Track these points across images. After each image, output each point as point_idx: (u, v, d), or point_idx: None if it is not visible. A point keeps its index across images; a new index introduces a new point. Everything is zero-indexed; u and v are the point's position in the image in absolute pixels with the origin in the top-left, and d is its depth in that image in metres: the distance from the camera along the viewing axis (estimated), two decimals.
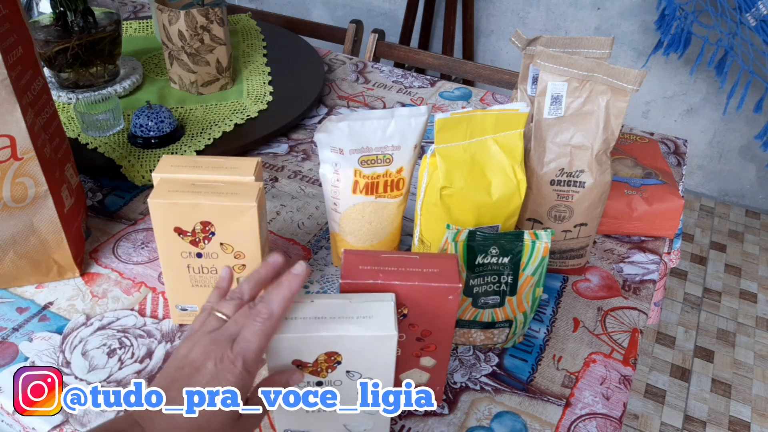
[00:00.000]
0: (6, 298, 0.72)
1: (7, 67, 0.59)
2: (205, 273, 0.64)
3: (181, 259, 0.63)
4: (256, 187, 0.61)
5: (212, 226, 0.61)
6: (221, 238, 0.61)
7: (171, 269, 0.64)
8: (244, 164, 0.63)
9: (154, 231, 0.62)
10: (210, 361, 0.47)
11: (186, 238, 0.61)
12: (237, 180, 0.62)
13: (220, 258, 0.63)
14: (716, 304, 1.88)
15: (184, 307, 0.68)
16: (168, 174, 0.62)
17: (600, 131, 0.66)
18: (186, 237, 0.61)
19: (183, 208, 0.59)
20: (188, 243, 0.62)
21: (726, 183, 2.27)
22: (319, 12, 2.64)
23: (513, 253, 0.59)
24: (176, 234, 0.61)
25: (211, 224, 0.60)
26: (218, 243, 0.62)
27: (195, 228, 0.61)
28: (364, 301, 0.50)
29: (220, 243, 0.62)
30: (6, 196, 0.65)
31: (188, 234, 0.61)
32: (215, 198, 0.59)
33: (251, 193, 0.60)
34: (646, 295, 0.76)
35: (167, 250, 0.62)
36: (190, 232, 0.61)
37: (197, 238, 0.61)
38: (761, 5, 1.49)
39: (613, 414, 0.62)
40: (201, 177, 0.62)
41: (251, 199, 0.59)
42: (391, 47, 1.39)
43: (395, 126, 0.64)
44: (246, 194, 0.60)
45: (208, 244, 0.62)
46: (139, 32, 1.28)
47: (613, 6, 2.11)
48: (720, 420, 1.56)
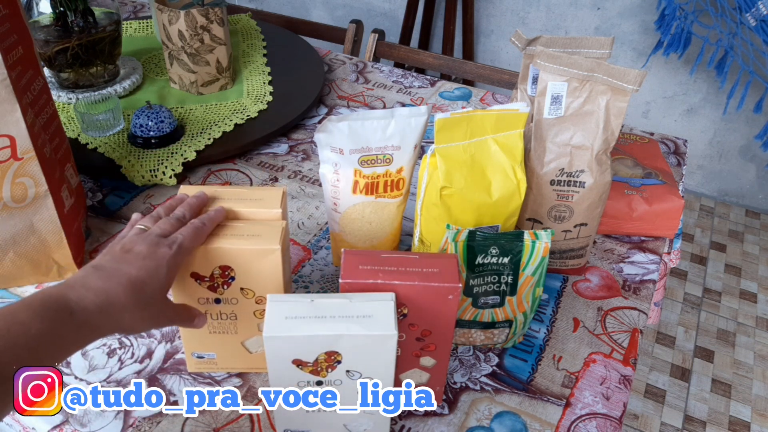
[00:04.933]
0: (6, 298, 0.72)
1: (7, 67, 0.59)
2: (224, 319, 0.60)
3: (198, 305, 0.58)
4: (279, 227, 0.56)
5: (232, 271, 0.56)
6: (242, 282, 0.57)
7: None
8: (269, 195, 0.59)
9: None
10: (141, 244, 0.51)
11: (204, 283, 0.57)
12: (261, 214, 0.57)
13: (240, 303, 0.58)
14: (716, 304, 1.88)
15: (200, 354, 0.63)
16: None
17: (600, 131, 0.66)
18: (204, 282, 0.57)
19: (200, 253, 0.55)
20: (206, 288, 0.57)
21: (726, 183, 2.27)
22: (319, 12, 2.64)
23: (513, 253, 0.59)
24: (193, 279, 0.57)
25: (231, 269, 0.56)
26: (238, 288, 0.57)
27: (213, 273, 0.56)
28: (364, 300, 0.50)
29: (240, 288, 0.57)
30: (6, 196, 0.65)
31: (206, 279, 0.57)
32: (235, 241, 0.55)
33: (274, 235, 0.55)
34: (646, 295, 0.76)
35: (183, 297, 0.58)
36: (208, 278, 0.56)
37: (216, 284, 0.57)
38: (761, 5, 1.49)
39: (613, 414, 0.62)
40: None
41: (275, 242, 0.54)
42: (391, 47, 1.39)
43: (395, 126, 0.64)
44: (269, 235, 0.55)
45: (227, 290, 0.57)
46: (139, 32, 1.28)
47: (613, 6, 2.11)
48: (720, 420, 1.56)
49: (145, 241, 0.52)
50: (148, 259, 0.50)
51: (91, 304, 0.47)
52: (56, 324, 0.45)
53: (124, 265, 0.50)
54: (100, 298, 0.47)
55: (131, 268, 0.49)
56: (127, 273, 0.49)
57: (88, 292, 0.47)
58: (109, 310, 0.47)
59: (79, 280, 0.48)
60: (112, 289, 0.48)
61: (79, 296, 0.47)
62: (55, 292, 0.47)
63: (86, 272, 0.49)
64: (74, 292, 0.47)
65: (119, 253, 0.51)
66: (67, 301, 0.46)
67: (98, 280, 0.48)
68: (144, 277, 0.49)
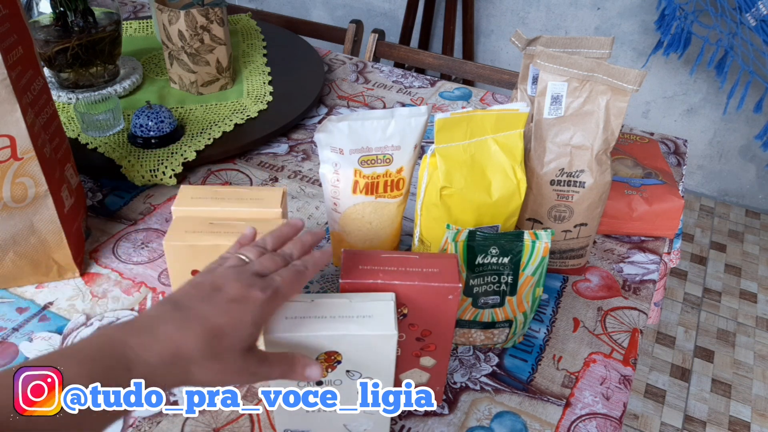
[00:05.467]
0: (6, 298, 0.72)
1: (7, 67, 0.59)
2: None
3: None
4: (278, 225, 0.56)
5: None
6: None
7: None
8: (268, 195, 0.59)
9: (170, 274, 0.58)
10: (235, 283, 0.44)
11: None
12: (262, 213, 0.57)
13: None
14: (716, 304, 1.88)
15: None
16: (187, 207, 0.58)
17: (600, 131, 0.66)
18: None
19: (201, 251, 0.55)
20: None
21: (726, 183, 2.27)
22: (319, 12, 2.64)
23: (513, 253, 0.59)
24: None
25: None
26: None
27: None
28: (364, 300, 0.50)
29: None
30: (6, 196, 0.65)
31: None
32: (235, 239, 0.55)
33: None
34: (646, 295, 0.76)
35: None
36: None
37: None
38: (761, 5, 1.49)
39: (613, 414, 0.62)
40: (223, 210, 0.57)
41: None
42: (391, 47, 1.39)
43: (395, 126, 0.64)
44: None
45: None
46: (139, 32, 1.28)
47: (613, 6, 2.11)
48: (720, 420, 1.56)
49: (239, 279, 0.44)
50: (235, 303, 0.43)
51: (155, 357, 0.40)
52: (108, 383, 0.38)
53: (206, 307, 0.43)
54: (167, 350, 0.40)
55: (213, 311, 0.42)
56: (206, 318, 0.42)
57: (154, 341, 0.40)
58: (176, 363, 0.40)
59: (147, 323, 0.42)
60: (185, 339, 0.41)
61: (142, 346, 0.40)
62: (116, 339, 0.40)
63: (161, 311, 0.43)
64: (137, 339, 0.40)
65: (207, 290, 0.44)
66: (125, 352, 0.39)
67: (171, 326, 0.41)
68: (225, 325, 0.42)
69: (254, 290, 0.44)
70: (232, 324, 0.42)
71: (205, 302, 0.43)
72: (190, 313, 0.42)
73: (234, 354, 0.42)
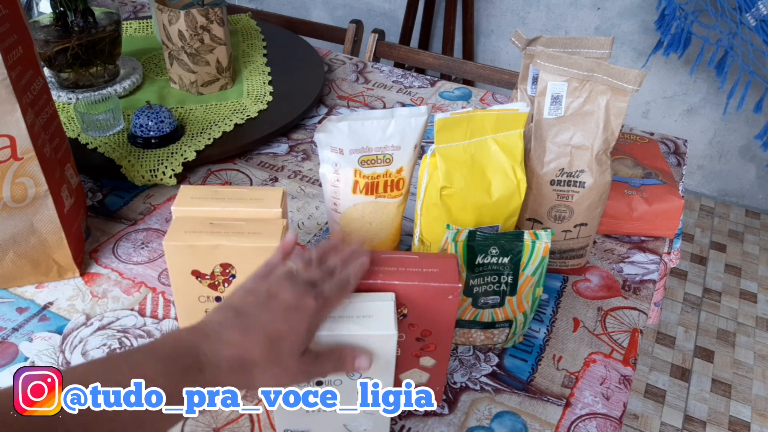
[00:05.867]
0: (6, 298, 0.72)
1: (7, 67, 0.59)
2: None
3: (198, 303, 0.59)
4: (279, 225, 0.57)
5: (233, 269, 0.57)
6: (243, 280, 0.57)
7: (187, 314, 0.61)
8: (268, 195, 0.59)
9: (170, 274, 0.58)
10: (289, 291, 0.45)
11: (204, 281, 0.57)
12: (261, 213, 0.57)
13: None
14: (716, 304, 1.88)
15: None
16: (187, 207, 0.58)
17: (600, 131, 0.66)
18: (204, 280, 0.57)
19: (201, 251, 0.55)
20: (206, 287, 0.58)
21: (726, 183, 2.27)
22: (319, 12, 2.64)
23: (513, 253, 0.59)
24: (194, 277, 0.57)
25: (232, 266, 0.56)
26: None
27: (214, 271, 0.57)
28: (364, 300, 0.50)
29: None
30: (6, 196, 0.65)
31: (207, 277, 0.57)
32: (236, 239, 0.55)
33: (274, 232, 0.56)
34: (646, 295, 0.76)
35: (184, 294, 0.58)
36: (209, 275, 0.57)
37: (216, 282, 0.57)
38: (761, 5, 1.49)
39: (613, 414, 0.62)
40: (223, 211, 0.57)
41: (274, 239, 0.55)
42: (391, 47, 1.39)
43: (395, 126, 0.64)
44: (269, 233, 0.56)
45: (228, 288, 0.58)
46: (139, 32, 1.28)
47: (613, 6, 2.11)
48: (720, 420, 1.56)
49: (293, 289, 0.46)
50: (292, 311, 0.45)
51: (224, 362, 0.42)
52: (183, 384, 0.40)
53: (266, 315, 0.45)
54: (235, 355, 0.43)
55: (272, 318, 0.45)
56: (267, 324, 0.44)
57: (224, 346, 0.43)
58: (241, 367, 0.43)
59: (216, 329, 0.44)
60: (250, 344, 0.43)
61: (213, 351, 0.42)
62: (189, 341, 0.42)
63: (226, 316, 0.45)
64: (209, 344, 0.43)
65: (264, 298, 0.46)
66: (199, 355, 0.42)
67: (237, 332, 0.44)
68: (283, 331, 0.44)
69: (308, 298, 0.46)
70: (290, 330, 0.45)
71: (262, 309, 0.45)
72: (250, 319, 0.44)
73: (292, 357, 0.45)
